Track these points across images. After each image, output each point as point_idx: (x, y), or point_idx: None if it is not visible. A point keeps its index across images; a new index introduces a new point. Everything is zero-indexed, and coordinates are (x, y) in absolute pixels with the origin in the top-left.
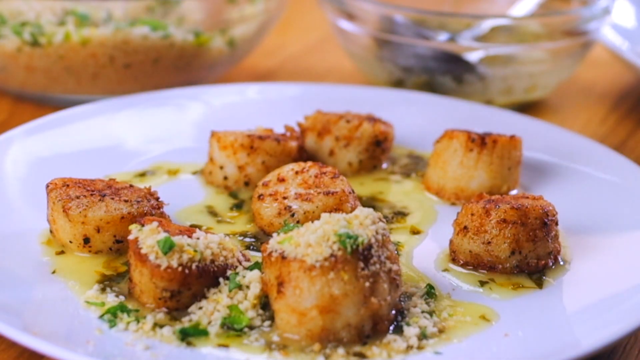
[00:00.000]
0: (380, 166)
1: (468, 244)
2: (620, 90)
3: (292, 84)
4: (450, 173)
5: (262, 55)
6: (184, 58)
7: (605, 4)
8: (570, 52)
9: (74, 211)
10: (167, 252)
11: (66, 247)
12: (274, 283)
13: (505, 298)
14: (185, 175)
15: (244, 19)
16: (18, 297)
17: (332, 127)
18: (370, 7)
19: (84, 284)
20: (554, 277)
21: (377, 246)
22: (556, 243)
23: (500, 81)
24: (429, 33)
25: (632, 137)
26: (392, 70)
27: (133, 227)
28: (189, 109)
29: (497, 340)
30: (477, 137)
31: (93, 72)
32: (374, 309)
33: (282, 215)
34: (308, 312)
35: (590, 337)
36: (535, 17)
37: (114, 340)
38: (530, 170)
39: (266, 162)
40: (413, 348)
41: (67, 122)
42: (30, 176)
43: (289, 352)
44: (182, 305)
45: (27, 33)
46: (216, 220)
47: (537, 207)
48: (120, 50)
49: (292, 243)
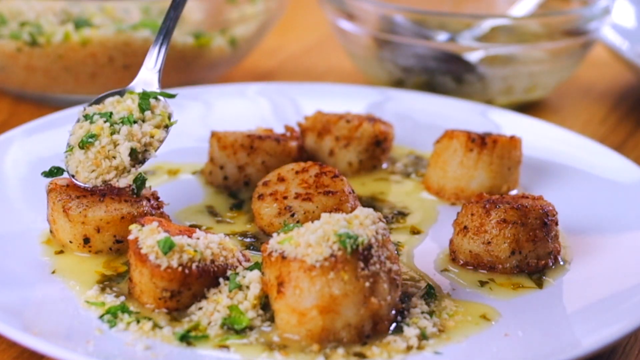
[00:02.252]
0: (380, 166)
1: (468, 244)
2: (620, 90)
3: (292, 84)
4: (450, 173)
5: (262, 55)
6: (184, 59)
7: (605, 4)
8: (570, 52)
9: (74, 211)
10: (167, 252)
11: (66, 247)
12: (274, 283)
13: (505, 298)
14: (185, 175)
15: (244, 19)
16: (18, 297)
17: (332, 127)
18: (370, 7)
19: (84, 284)
20: (554, 277)
21: (377, 246)
22: (556, 243)
23: (500, 81)
24: (429, 33)
25: (632, 137)
26: (392, 70)
27: (133, 227)
28: (189, 109)
29: (497, 340)
30: (477, 137)
31: (92, 72)
32: (374, 309)
33: (282, 215)
34: (308, 312)
35: (590, 337)
36: (535, 17)
37: (114, 340)
38: (530, 170)
39: (266, 162)
40: (413, 348)
41: (67, 122)
42: (30, 176)
43: (289, 352)
44: (182, 306)
45: (26, 33)
46: (216, 220)
47: (537, 207)
48: (120, 51)
49: (292, 243)
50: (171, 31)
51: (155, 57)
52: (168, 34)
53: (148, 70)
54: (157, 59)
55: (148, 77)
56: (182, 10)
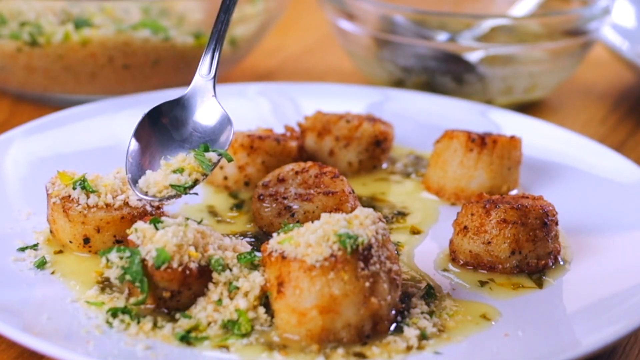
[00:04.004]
0: (380, 166)
1: (468, 244)
2: (620, 90)
3: (292, 84)
4: (450, 173)
5: (262, 55)
6: (184, 59)
7: (605, 4)
8: (570, 52)
9: (74, 211)
10: (161, 265)
11: (66, 247)
12: (274, 283)
13: (505, 298)
14: None
15: (244, 19)
16: (18, 297)
17: (332, 127)
18: (370, 7)
19: (84, 284)
20: (554, 277)
21: (377, 246)
22: (556, 243)
23: (500, 81)
24: (429, 33)
25: (632, 137)
26: (392, 70)
27: (133, 227)
28: None
29: (497, 340)
30: (477, 137)
31: (91, 72)
32: (374, 309)
33: (282, 215)
34: (308, 312)
35: (590, 337)
36: (535, 17)
37: (114, 340)
38: (530, 170)
39: (266, 162)
40: (413, 348)
41: (67, 122)
42: (30, 176)
43: (288, 352)
44: (182, 306)
45: (26, 33)
46: (216, 220)
47: (537, 207)
48: (120, 51)
49: (292, 243)
50: (223, 35)
51: (208, 64)
52: (221, 39)
53: (202, 77)
54: (210, 66)
55: (202, 85)
56: (233, 13)
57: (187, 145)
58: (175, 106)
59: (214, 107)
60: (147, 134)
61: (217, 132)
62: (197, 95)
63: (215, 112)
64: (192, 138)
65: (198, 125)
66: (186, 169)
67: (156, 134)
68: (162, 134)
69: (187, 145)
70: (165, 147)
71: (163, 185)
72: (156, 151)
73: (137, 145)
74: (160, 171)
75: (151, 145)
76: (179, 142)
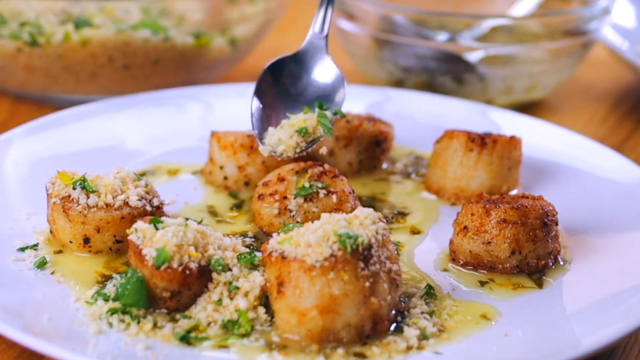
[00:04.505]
0: (380, 166)
1: (468, 244)
2: (620, 90)
3: None
4: (450, 173)
5: (262, 55)
6: (184, 59)
7: (605, 4)
8: (570, 52)
9: (74, 211)
10: (161, 265)
11: (66, 247)
12: (274, 283)
13: (505, 298)
14: (185, 175)
15: (244, 19)
16: (18, 297)
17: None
18: (370, 7)
19: (84, 284)
20: (554, 277)
21: (377, 246)
22: (556, 243)
23: (500, 81)
24: (429, 33)
25: (632, 137)
26: (392, 70)
27: (133, 227)
28: (189, 109)
29: (497, 341)
30: (477, 137)
31: (91, 72)
32: (374, 309)
33: (282, 215)
34: (308, 312)
35: (590, 337)
36: (535, 17)
37: (114, 340)
38: (530, 170)
39: (266, 162)
40: (413, 348)
41: (67, 122)
42: (30, 176)
43: (288, 352)
44: (182, 306)
45: (26, 33)
46: (216, 220)
47: (537, 207)
48: (120, 51)
49: (292, 243)
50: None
51: (321, 22)
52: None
53: (315, 35)
54: (323, 24)
55: (316, 42)
56: None
57: (303, 99)
58: (291, 62)
59: (328, 65)
60: (268, 88)
61: (331, 90)
62: (311, 52)
63: (329, 70)
64: (307, 92)
65: (312, 80)
66: (309, 128)
67: (275, 88)
68: (280, 88)
69: (303, 99)
70: (283, 102)
71: (288, 144)
72: (277, 107)
73: (258, 101)
74: (284, 130)
75: (271, 100)
76: (295, 95)
